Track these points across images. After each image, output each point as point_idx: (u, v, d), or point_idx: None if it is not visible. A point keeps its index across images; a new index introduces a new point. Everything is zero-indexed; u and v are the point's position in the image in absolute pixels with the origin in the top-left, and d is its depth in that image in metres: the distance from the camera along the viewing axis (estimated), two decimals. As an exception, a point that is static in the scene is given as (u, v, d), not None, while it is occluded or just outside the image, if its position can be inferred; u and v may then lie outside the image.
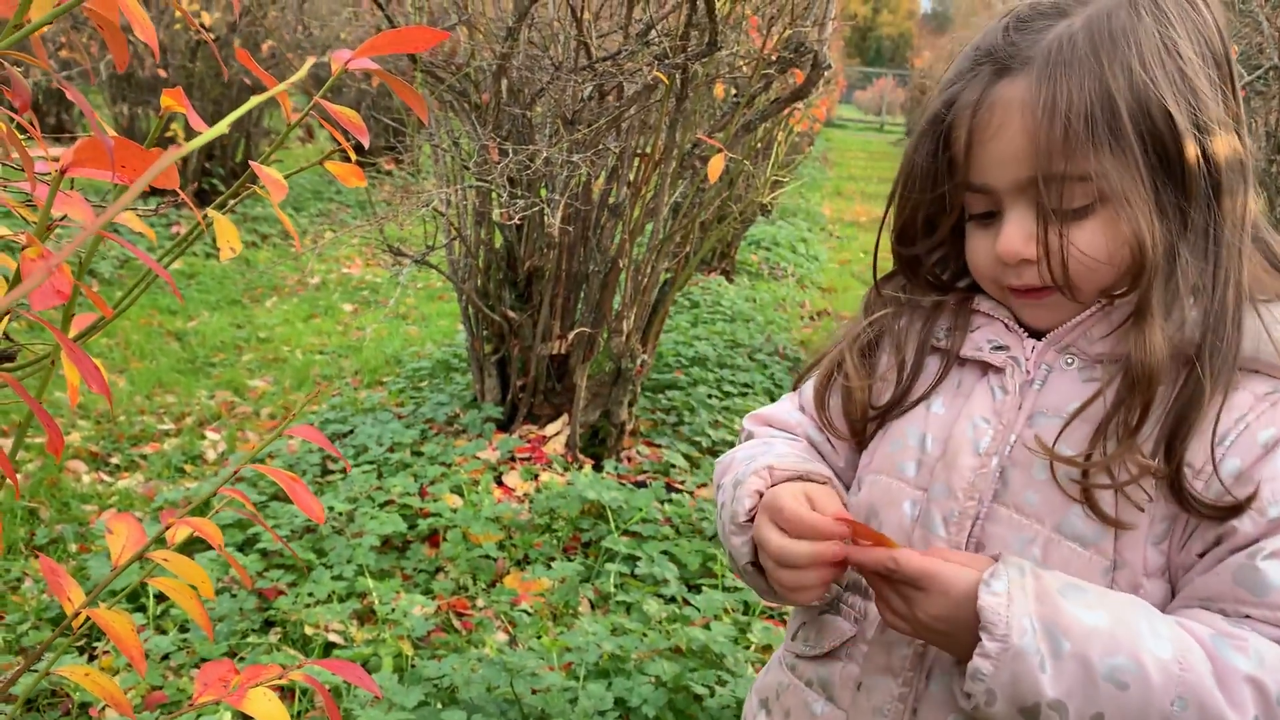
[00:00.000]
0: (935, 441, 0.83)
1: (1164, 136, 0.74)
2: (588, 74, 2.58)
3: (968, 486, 0.79)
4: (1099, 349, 0.79)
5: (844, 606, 0.87)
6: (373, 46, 0.81)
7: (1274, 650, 0.69)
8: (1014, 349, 0.83)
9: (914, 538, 0.81)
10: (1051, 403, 0.80)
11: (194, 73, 6.39)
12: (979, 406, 0.82)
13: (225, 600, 2.16)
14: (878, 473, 0.86)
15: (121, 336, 4.22)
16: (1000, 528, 0.78)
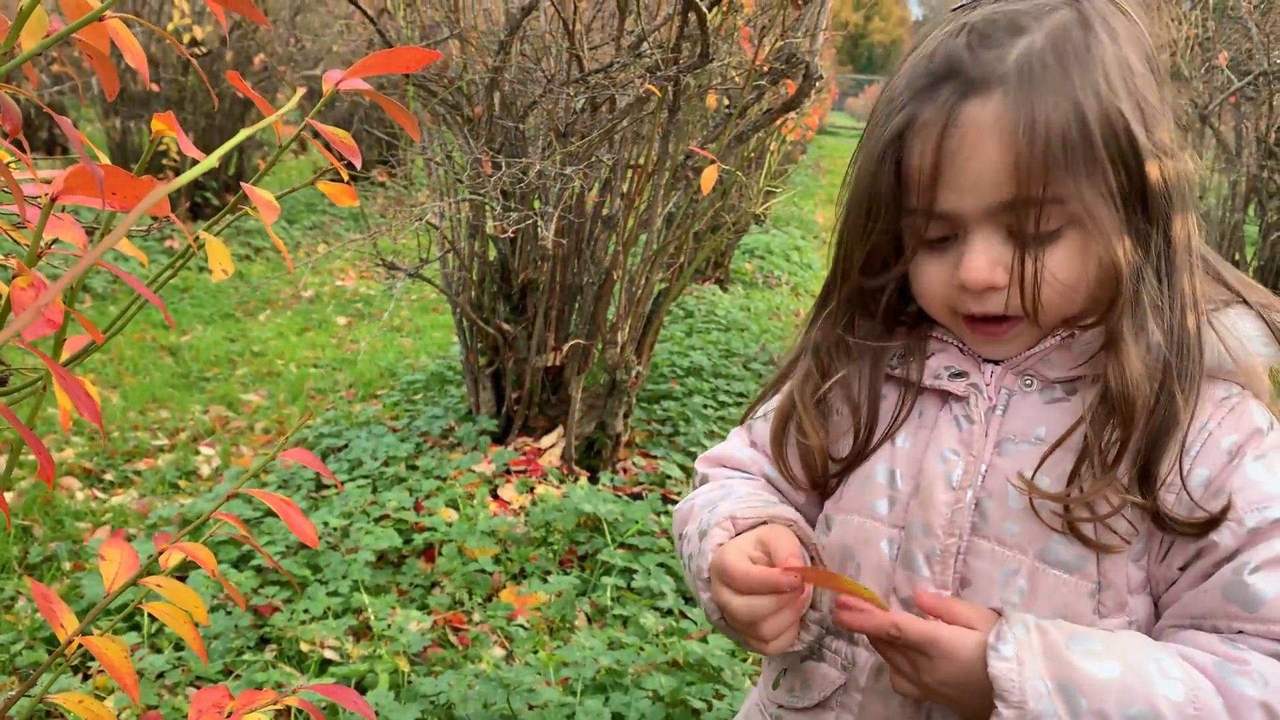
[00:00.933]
0: (905, 478, 0.81)
1: (1129, 158, 0.73)
2: (580, 86, 2.58)
3: (946, 523, 0.78)
4: (1057, 374, 0.78)
5: (827, 653, 0.84)
6: (364, 67, 0.81)
7: (1276, 668, 0.69)
8: (973, 375, 0.81)
9: (896, 578, 0.80)
10: (1017, 428, 0.78)
11: (186, 86, 6.39)
12: (946, 438, 0.80)
13: (220, 617, 2.15)
14: (849, 512, 0.84)
15: (115, 352, 4.21)
16: (983, 561, 0.77)
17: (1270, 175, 5.11)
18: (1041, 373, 0.79)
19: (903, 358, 0.84)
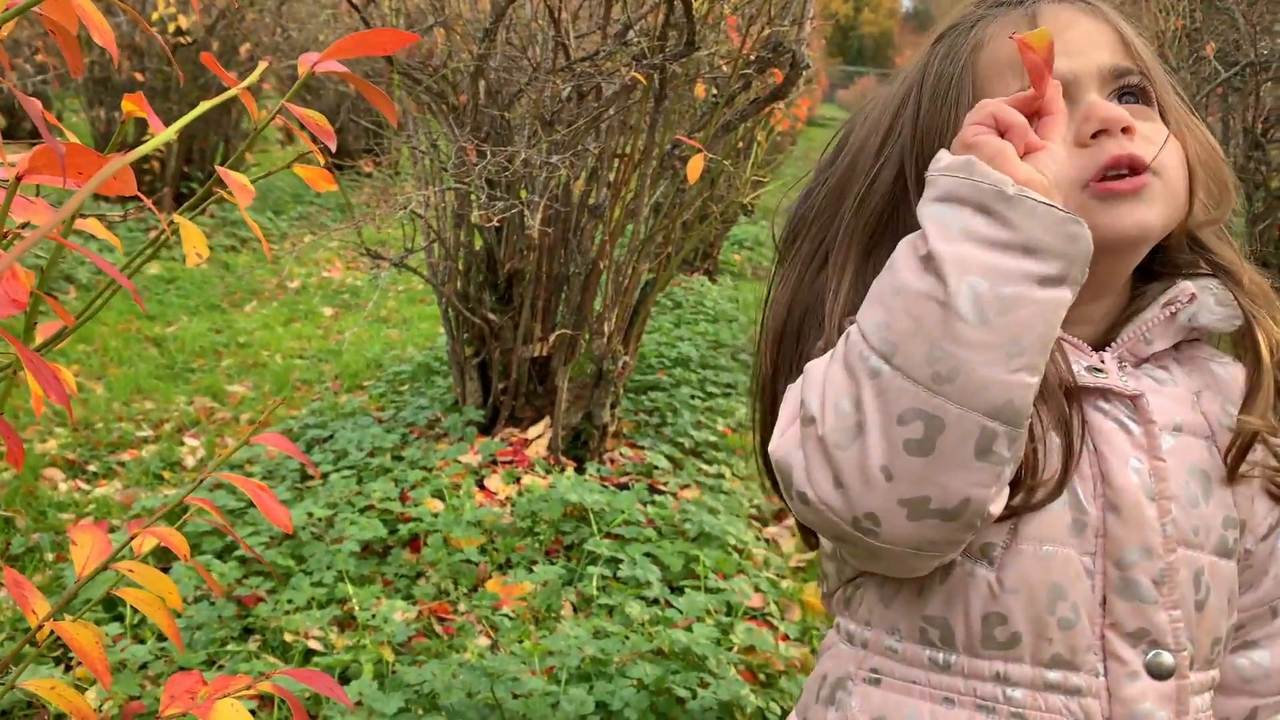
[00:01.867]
0: (1088, 498, 0.71)
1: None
2: (566, 75, 2.57)
3: (1165, 539, 0.71)
4: (1150, 349, 0.76)
5: (1034, 713, 0.71)
6: (340, 49, 0.80)
7: None
8: (1109, 367, 0.75)
9: (1115, 611, 0.71)
10: (1163, 420, 0.74)
11: (172, 76, 6.34)
12: (1121, 446, 0.72)
13: (204, 608, 2.14)
14: (1044, 542, 0.71)
15: (99, 342, 4.18)
16: (1183, 569, 0.72)
17: (1257, 166, 5.12)
18: (1140, 351, 0.76)
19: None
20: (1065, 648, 0.70)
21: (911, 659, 0.73)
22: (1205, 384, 0.77)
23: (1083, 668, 0.70)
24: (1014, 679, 0.71)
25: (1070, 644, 0.70)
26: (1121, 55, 0.75)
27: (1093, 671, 0.71)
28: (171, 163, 6.45)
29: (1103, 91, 0.74)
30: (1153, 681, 0.71)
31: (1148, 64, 0.75)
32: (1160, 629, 0.71)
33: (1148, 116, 0.75)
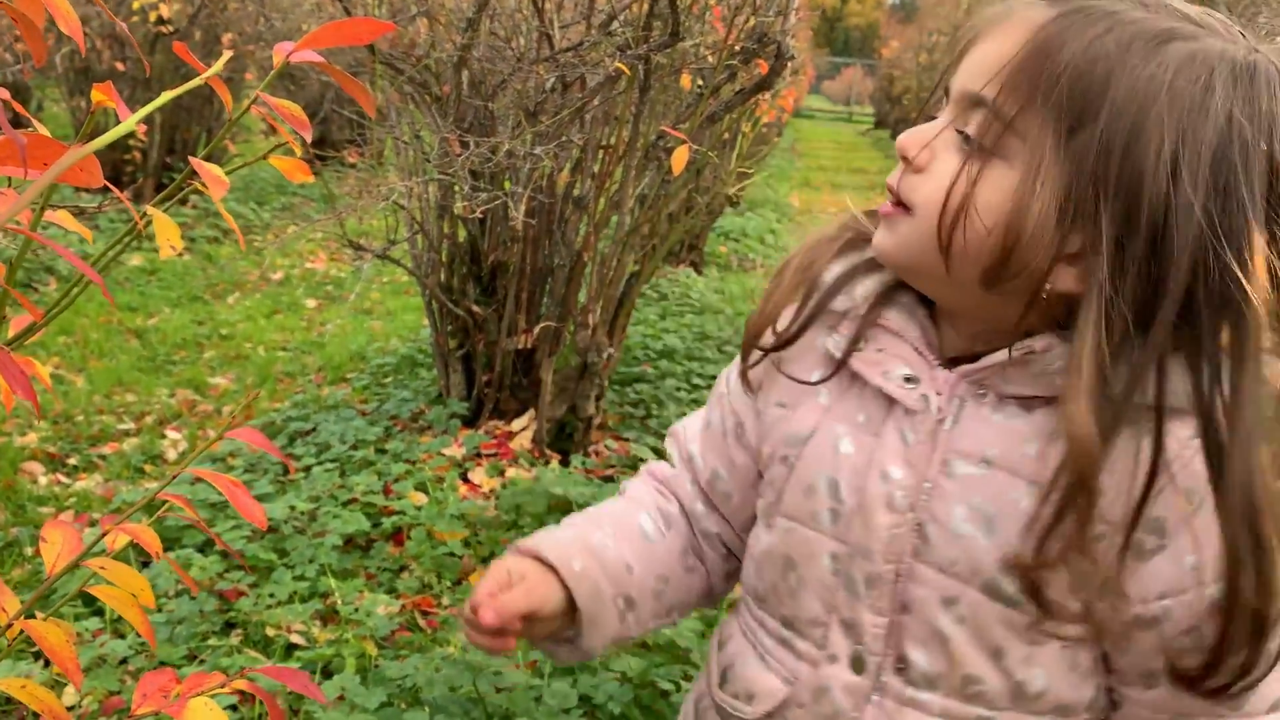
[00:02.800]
0: (849, 490, 0.76)
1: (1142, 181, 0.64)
2: (550, 65, 2.56)
3: (884, 548, 0.73)
4: (1013, 390, 0.72)
5: (771, 660, 0.81)
6: (317, 39, 0.78)
7: None
8: (924, 382, 0.74)
9: (838, 598, 0.76)
10: (967, 446, 0.72)
11: (153, 66, 6.29)
12: (890, 454, 0.74)
13: (184, 602, 2.13)
14: (790, 519, 0.80)
15: (80, 334, 4.15)
16: (923, 588, 0.73)
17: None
18: (998, 386, 0.72)
19: (851, 341, 0.78)
20: (792, 614, 0.80)
21: (744, 594, 0.88)
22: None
23: (806, 636, 0.79)
24: (767, 627, 0.82)
25: (795, 612, 0.80)
26: (987, 84, 0.68)
27: (815, 643, 0.78)
28: (153, 153, 6.40)
29: (955, 111, 0.71)
30: (849, 672, 0.76)
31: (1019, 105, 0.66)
32: (862, 628, 0.75)
33: (981, 159, 0.68)
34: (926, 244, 0.70)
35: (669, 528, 0.91)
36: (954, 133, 0.70)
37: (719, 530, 0.92)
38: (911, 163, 0.71)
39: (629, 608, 0.86)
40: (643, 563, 0.87)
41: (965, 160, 0.69)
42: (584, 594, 0.83)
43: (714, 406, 0.91)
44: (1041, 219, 0.65)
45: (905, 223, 0.72)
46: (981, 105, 0.68)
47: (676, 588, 0.90)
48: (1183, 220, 0.63)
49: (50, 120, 7.26)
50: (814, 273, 0.81)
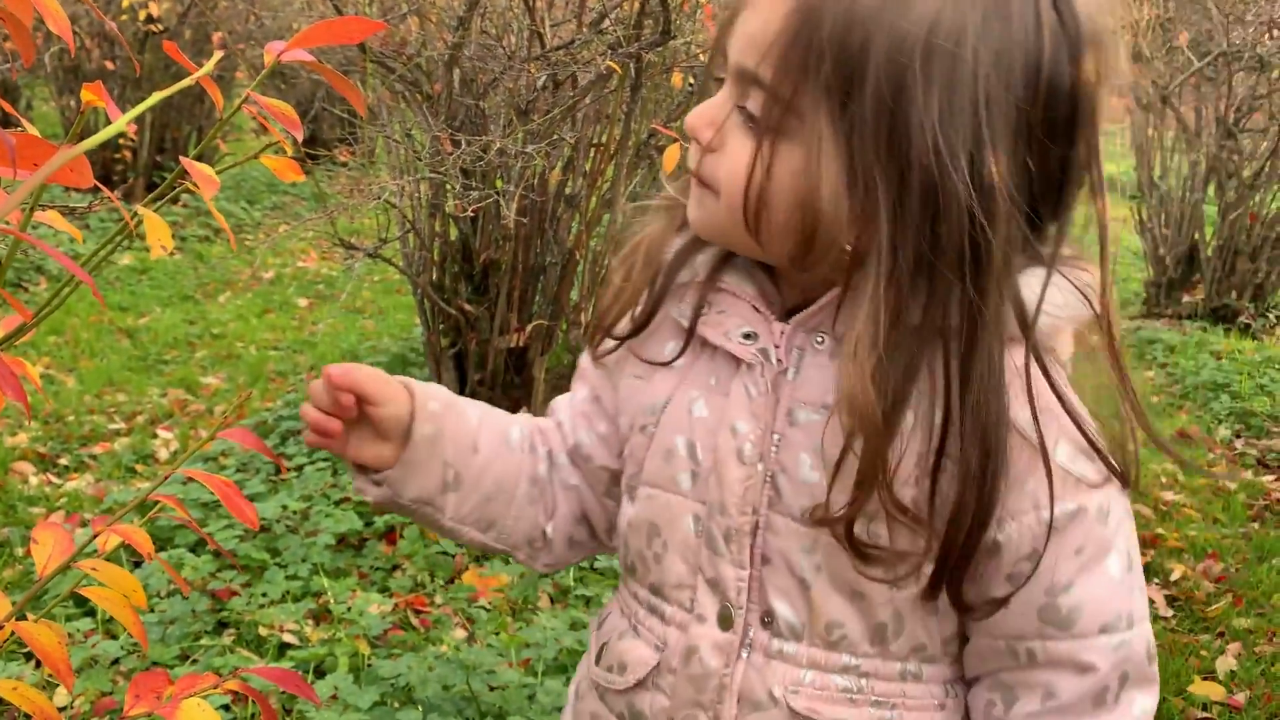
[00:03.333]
0: (704, 450, 0.77)
1: (911, 148, 0.64)
2: (541, 63, 2.56)
3: (739, 501, 0.74)
4: (844, 328, 0.71)
5: (642, 630, 0.81)
6: (307, 38, 0.78)
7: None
8: (763, 337, 0.75)
9: (701, 558, 0.77)
10: (809, 394, 0.73)
11: (143, 65, 6.27)
12: (737, 410, 0.75)
13: (177, 602, 2.12)
14: (652, 486, 0.80)
15: (70, 334, 4.13)
16: (780, 538, 0.74)
17: (1229, 155, 5.17)
18: (833, 329, 0.73)
19: (695, 309, 0.78)
20: (658, 580, 0.80)
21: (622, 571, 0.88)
22: None
23: (672, 601, 0.79)
24: (638, 598, 0.83)
25: (661, 578, 0.80)
26: (759, 61, 0.67)
27: (682, 606, 0.79)
28: (143, 153, 6.38)
29: (734, 87, 0.71)
30: (715, 629, 0.76)
31: (793, 85, 0.66)
32: (726, 583, 0.76)
33: (769, 140, 0.68)
34: (736, 222, 0.71)
35: (531, 451, 0.88)
36: (738, 110, 0.70)
37: (577, 484, 0.89)
38: (704, 145, 0.72)
39: (455, 484, 0.83)
40: (490, 455, 0.85)
41: (755, 141, 0.69)
42: (422, 433, 0.82)
43: (578, 382, 0.91)
44: (833, 197, 0.66)
45: (712, 200, 0.73)
46: (758, 84, 0.68)
47: (508, 505, 0.86)
48: (950, 174, 0.63)
49: (40, 119, 7.23)
50: (658, 253, 0.82)
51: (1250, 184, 5.10)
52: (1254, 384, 4.14)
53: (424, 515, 0.84)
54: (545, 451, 0.89)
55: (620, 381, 0.85)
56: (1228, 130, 5.17)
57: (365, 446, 0.82)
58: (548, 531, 0.88)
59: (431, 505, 0.83)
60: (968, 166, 0.63)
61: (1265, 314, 5.19)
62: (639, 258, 0.82)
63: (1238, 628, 2.38)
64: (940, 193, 0.64)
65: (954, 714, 0.77)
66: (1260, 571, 2.64)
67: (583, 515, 0.90)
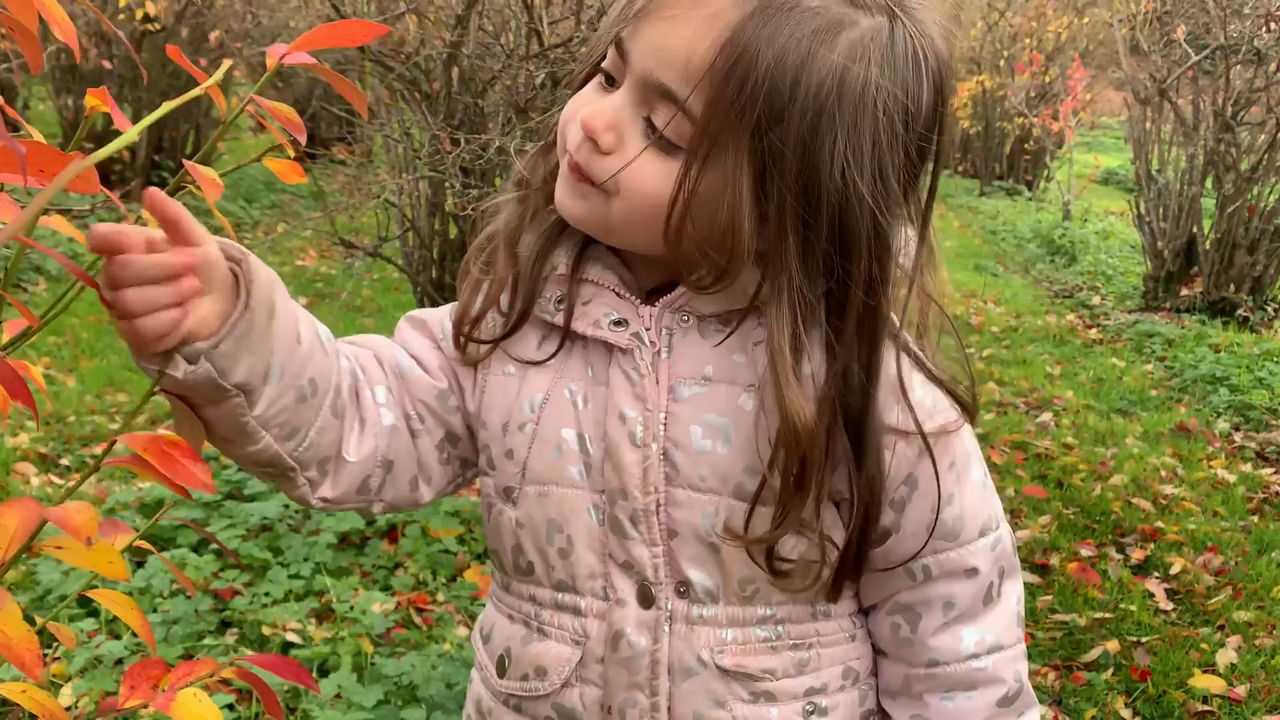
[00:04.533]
0: (594, 440, 0.78)
1: (813, 159, 0.68)
2: (540, 61, 2.56)
3: (640, 483, 0.76)
4: (710, 309, 0.77)
5: (552, 630, 0.81)
6: (309, 41, 0.78)
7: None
8: (632, 322, 0.78)
9: (610, 545, 0.78)
10: (686, 370, 0.77)
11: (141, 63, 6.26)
12: (620, 395, 0.77)
13: (180, 602, 2.13)
14: (545, 483, 0.80)
15: (70, 335, 4.14)
16: (684, 510, 0.76)
17: (1227, 149, 5.17)
18: (696, 308, 0.77)
19: (558, 303, 0.80)
20: (567, 575, 0.80)
21: (497, 581, 0.87)
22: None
23: (586, 592, 0.80)
24: (539, 600, 0.82)
25: (570, 571, 0.80)
26: (677, 76, 0.69)
27: (597, 595, 0.79)
28: (141, 153, 6.38)
29: (637, 92, 0.72)
30: (638, 609, 0.78)
31: (717, 96, 0.68)
32: (642, 563, 0.78)
33: (666, 153, 0.71)
34: (630, 225, 0.74)
35: (338, 357, 0.80)
36: (641, 118, 0.72)
37: (394, 423, 0.82)
38: (599, 145, 0.73)
39: (278, 374, 0.72)
40: (309, 351, 0.75)
41: (668, 158, 0.71)
42: (261, 300, 0.69)
43: (426, 348, 0.86)
44: (743, 218, 0.70)
45: (598, 200, 0.74)
46: (669, 99, 0.70)
47: (317, 413, 0.76)
48: (857, 209, 0.69)
49: (37, 119, 7.23)
50: (514, 247, 0.82)
51: (1248, 177, 5.10)
52: (1252, 377, 4.15)
53: (232, 409, 0.69)
54: (353, 373, 0.82)
55: (488, 378, 0.83)
56: (1225, 123, 5.18)
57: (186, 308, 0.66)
58: (347, 454, 0.79)
59: (248, 396, 0.69)
60: (869, 192, 0.69)
61: (1264, 307, 5.20)
62: (499, 253, 0.82)
63: (1238, 621, 2.39)
64: (844, 214, 0.70)
65: (863, 643, 0.84)
66: (1260, 565, 2.65)
67: (386, 460, 0.82)
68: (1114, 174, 10.88)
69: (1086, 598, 2.47)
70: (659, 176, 0.71)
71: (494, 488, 0.83)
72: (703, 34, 0.68)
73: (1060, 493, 3.08)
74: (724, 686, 0.78)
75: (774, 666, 0.79)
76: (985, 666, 0.80)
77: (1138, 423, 3.76)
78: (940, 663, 0.81)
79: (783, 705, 0.79)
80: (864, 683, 0.84)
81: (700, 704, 0.78)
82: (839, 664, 0.82)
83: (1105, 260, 6.85)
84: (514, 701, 0.84)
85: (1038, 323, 5.27)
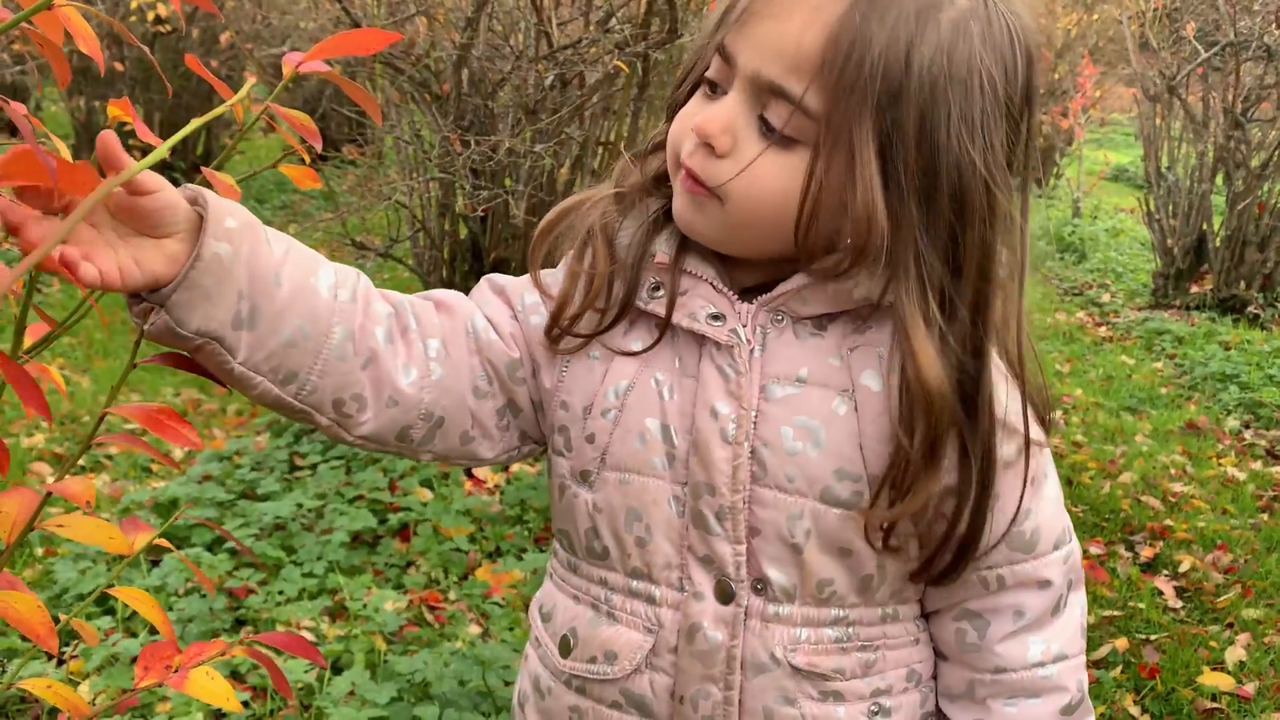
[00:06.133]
0: (679, 433, 0.78)
1: (931, 138, 0.70)
2: (549, 63, 2.57)
3: (729, 480, 0.77)
4: (809, 310, 0.77)
5: (624, 615, 0.82)
6: (324, 49, 0.80)
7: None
8: (730, 318, 0.78)
9: (691, 538, 0.79)
10: (779, 370, 0.77)
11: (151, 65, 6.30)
12: (713, 391, 0.77)
13: (194, 600, 2.15)
14: (624, 471, 0.80)
15: (84, 335, 4.17)
16: (769, 510, 0.77)
17: (1237, 145, 5.16)
18: (793, 309, 0.78)
19: (652, 291, 0.80)
20: (642, 563, 0.80)
21: (561, 561, 0.87)
22: (866, 342, 0.78)
23: (661, 582, 0.80)
24: (611, 584, 0.82)
25: (646, 560, 0.80)
26: (788, 72, 0.70)
27: (673, 586, 0.80)
28: (153, 152, 6.41)
29: (748, 93, 0.73)
30: (715, 604, 0.79)
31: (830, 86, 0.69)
32: (723, 559, 0.78)
33: (783, 148, 0.72)
34: (751, 229, 0.75)
35: (352, 301, 0.76)
36: (753, 116, 0.73)
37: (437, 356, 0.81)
38: (715, 149, 0.73)
39: (250, 321, 0.70)
40: (294, 293, 0.72)
41: (790, 154, 0.72)
42: (212, 251, 0.67)
43: (504, 316, 0.85)
44: (876, 197, 0.71)
45: (715, 208, 0.75)
46: (782, 95, 0.71)
47: (314, 357, 0.74)
48: (972, 176, 0.72)
49: (49, 121, 7.26)
50: (613, 239, 0.81)
51: (1258, 174, 5.09)
52: (1263, 374, 4.14)
53: (212, 356, 0.70)
54: (391, 319, 0.79)
55: (571, 361, 0.83)
56: (1235, 120, 5.16)
57: (144, 253, 0.66)
58: (365, 396, 0.77)
59: (220, 343, 0.69)
60: (981, 159, 0.72)
61: (1274, 304, 5.18)
62: (598, 247, 0.82)
63: (1247, 618, 2.39)
64: (961, 181, 0.72)
65: (925, 646, 0.85)
66: (1269, 562, 2.65)
67: (430, 414, 0.81)
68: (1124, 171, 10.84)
69: (1096, 595, 2.48)
70: (779, 174, 0.72)
71: (569, 470, 0.83)
72: (809, 25, 0.70)
73: (1069, 490, 3.08)
74: (794, 684, 0.79)
75: (843, 666, 0.80)
76: (1050, 675, 0.82)
77: (1147, 420, 3.76)
78: (1007, 670, 0.82)
79: (849, 705, 0.80)
80: (925, 685, 0.85)
81: (771, 700, 0.79)
82: (903, 666, 0.83)
83: (1115, 257, 6.83)
84: (578, 683, 0.84)
85: (1047, 320, 5.27)
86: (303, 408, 0.76)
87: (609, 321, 0.81)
